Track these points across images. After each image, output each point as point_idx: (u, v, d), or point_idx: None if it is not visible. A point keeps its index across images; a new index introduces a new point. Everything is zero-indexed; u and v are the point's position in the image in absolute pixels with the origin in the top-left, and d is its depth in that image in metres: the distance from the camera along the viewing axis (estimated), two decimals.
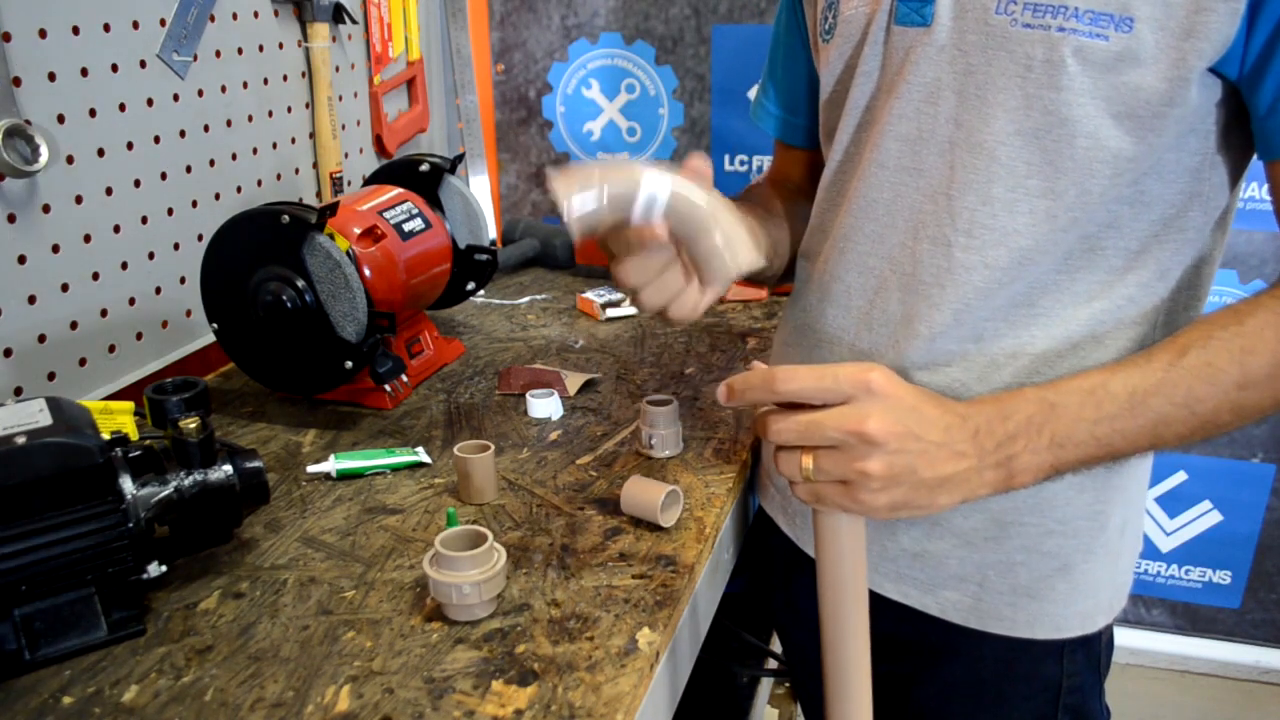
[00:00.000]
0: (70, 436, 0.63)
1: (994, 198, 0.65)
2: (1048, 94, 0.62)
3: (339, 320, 0.94)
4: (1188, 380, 0.60)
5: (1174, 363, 0.60)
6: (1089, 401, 0.60)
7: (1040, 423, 0.60)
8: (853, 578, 0.62)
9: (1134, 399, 0.60)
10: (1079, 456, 0.61)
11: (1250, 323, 0.60)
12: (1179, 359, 0.60)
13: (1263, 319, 0.60)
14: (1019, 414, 0.60)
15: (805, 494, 0.59)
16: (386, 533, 0.78)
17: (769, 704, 1.44)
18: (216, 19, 1.14)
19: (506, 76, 1.77)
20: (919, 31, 0.66)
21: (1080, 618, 0.76)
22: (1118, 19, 0.58)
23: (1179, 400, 0.60)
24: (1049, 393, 0.61)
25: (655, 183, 0.61)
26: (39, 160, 0.90)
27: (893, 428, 0.56)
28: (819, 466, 0.57)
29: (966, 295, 0.67)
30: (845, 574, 0.62)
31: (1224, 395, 0.60)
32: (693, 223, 0.63)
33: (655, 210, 0.61)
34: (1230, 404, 0.60)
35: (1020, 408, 0.60)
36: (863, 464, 0.56)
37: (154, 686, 0.61)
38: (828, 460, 0.57)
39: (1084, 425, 0.60)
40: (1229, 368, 0.59)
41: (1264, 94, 0.60)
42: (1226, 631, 1.96)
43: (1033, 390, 0.61)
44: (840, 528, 0.61)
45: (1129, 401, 0.60)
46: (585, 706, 0.58)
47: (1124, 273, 0.67)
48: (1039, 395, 0.61)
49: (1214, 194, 0.66)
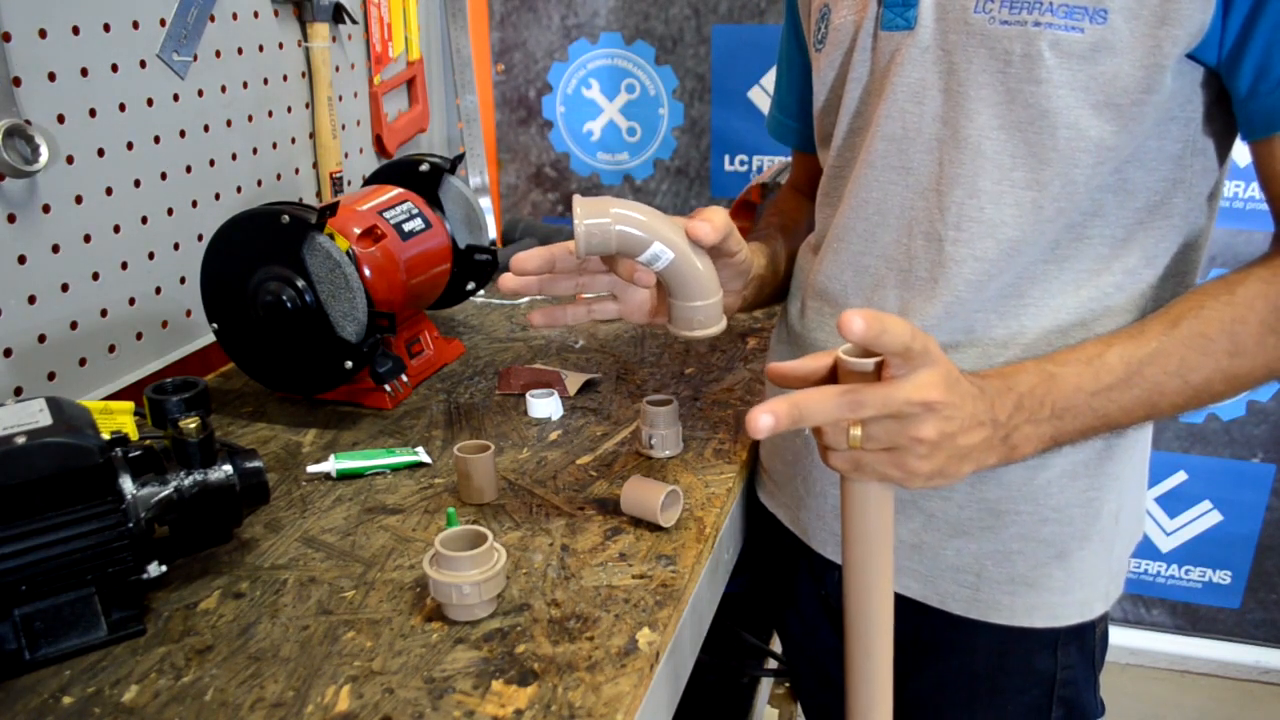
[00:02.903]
0: (70, 436, 0.63)
1: (981, 191, 0.67)
2: (1028, 87, 0.63)
3: (339, 320, 0.94)
4: (1181, 350, 0.61)
5: (1167, 333, 0.61)
6: (1087, 372, 0.61)
7: (1042, 394, 0.60)
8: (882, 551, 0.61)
9: (1129, 369, 0.61)
10: (1077, 427, 0.62)
11: (1241, 292, 0.61)
12: (1172, 329, 0.61)
13: (1254, 289, 0.61)
14: (1022, 385, 0.60)
15: (844, 462, 0.57)
16: (386, 533, 0.78)
17: (769, 704, 1.44)
18: (216, 19, 1.14)
19: (506, 76, 1.77)
20: (903, 35, 0.68)
21: (1078, 605, 0.76)
22: (1091, 11, 0.60)
23: (1172, 369, 0.61)
24: (1048, 364, 0.61)
25: (666, 245, 0.67)
26: (39, 160, 0.90)
27: (948, 395, 0.55)
28: (869, 434, 0.56)
29: (958, 288, 0.69)
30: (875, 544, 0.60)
31: (1216, 364, 0.61)
32: (684, 286, 0.69)
33: (658, 264, 0.68)
34: (1222, 373, 0.61)
35: (1023, 379, 0.60)
36: (917, 430, 0.55)
37: (154, 686, 0.61)
38: (880, 427, 0.55)
39: (1082, 396, 0.61)
40: (1220, 337, 0.61)
41: (1243, 76, 0.61)
42: (1226, 631, 1.96)
43: (1033, 363, 0.62)
44: (871, 495, 0.59)
45: (1125, 372, 0.61)
46: (585, 706, 0.58)
47: (1111, 260, 0.68)
48: (1039, 367, 0.61)
49: (1197, 180, 0.67)
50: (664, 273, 0.69)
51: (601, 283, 0.76)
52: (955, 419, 0.55)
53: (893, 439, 0.55)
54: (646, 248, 0.67)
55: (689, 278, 0.69)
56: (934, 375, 0.54)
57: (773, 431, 0.52)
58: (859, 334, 0.50)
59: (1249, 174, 1.66)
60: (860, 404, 0.53)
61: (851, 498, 0.60)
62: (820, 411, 0.53)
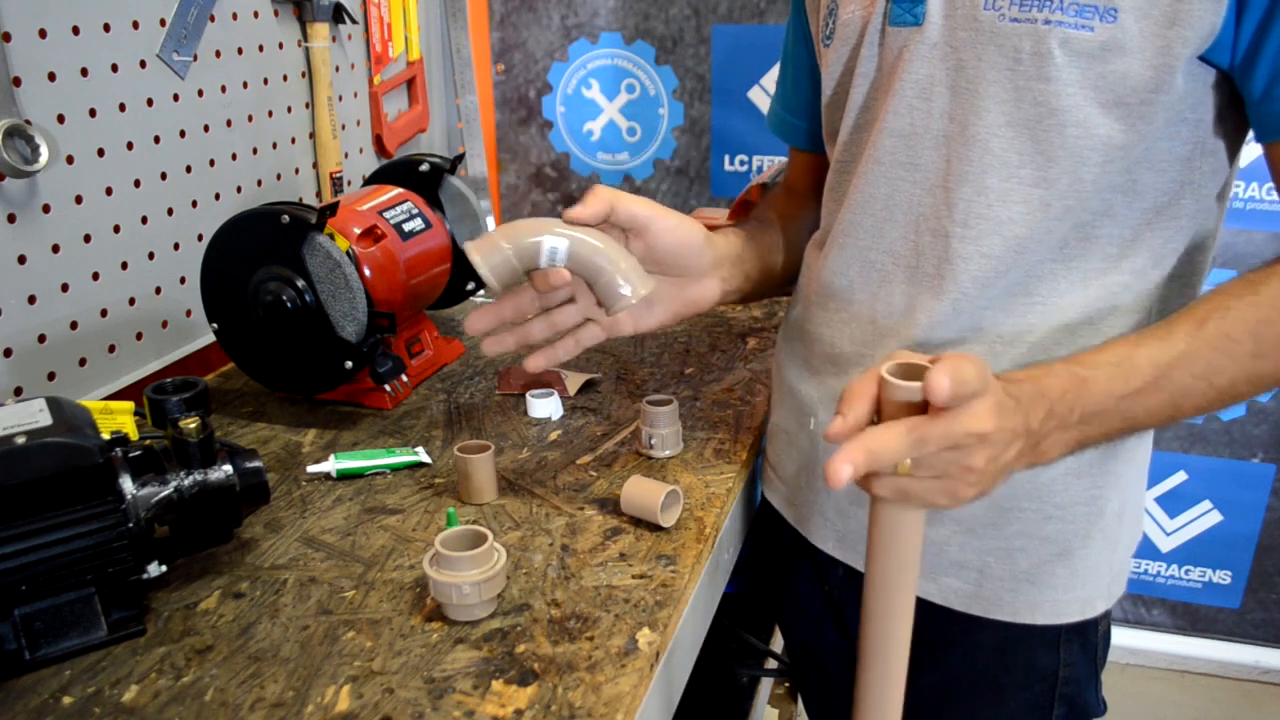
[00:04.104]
0: (70, 436, 0.63)
1: (988, 188, 0.67)
2: (1037, 85, 0.63)
3: (339, 320, 0.94)
4: (1207, 352, 0.60)
5: (1194, 334, 0.61)
6: (1117, 375, 0.60)
7: (1072, 400, 0.59)
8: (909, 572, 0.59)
9: (1158, 372, 0.60)
10: (1103, 431, 0.61)
11: (1265, 292, 0.61)
12: (1199, 330, 0.61)
13: (1276, 288, 0.61)
14: (1053, 390, 0.59)
15: (890, 490, 0.56)
16: (386, 533, 0.78)
17: (769, 704, 1.44)
18: (216, 19, 1.14)
19: (506, 76, 1.77)
20: (911, 31, 0.68)
21: (1080, 603, 0.76)
22: (1102, 9, 0.60)
23: (1199, 372, 0.60)
24: (1078, 367, 0.60)
25: (555, 237, 0.71)
26: (39, 160, 0.90)
27: (999, 422, 0.54)
28: (921, 462, 0.54)
29: (964, 285, 0.69)
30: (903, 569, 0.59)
31: (1240, 366, 0.60)
32: (592, 265, 0.73)
33: (558, 258, 0.72)
34: (1247, 375, 0.61)
35: (1053, 383, 0.59)
36: (969, 460, 0.54)
37: (154, 686, 0.61)
38: (936, 457, 0.54)
39: (1111, 400, 0.60)
40: (1245, 339, 0.60)
41: (1257, 80, 0.61)
42: (1226, 631, 1.96)
43: (1062, 365, 0.60)
44: (905, 521, 0.58)
45: (1153, 375, 0.60)
46: (585, 706, 0.58)
47: (1119, 260, 0.68)
48: (1069, 370, 0.60)
49: (1207, 181, 0.67)
50: (571, 264, 0.72)
51: (571, 313, 0.78)
52: (1002, 443, 0.55)
53: (944, 469, 0.54)
54: (540, 249, 0.71)
55: (588, 256, 0.72)
56: (988, 405, 0.53)
57: (853, 480, 0.51)
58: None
59: (1249, 174, 1.66)
60: (925, 441, 0.52)
61: (884, 520, 0.58)
62: (894, 453, 0.52)
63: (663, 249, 0.76)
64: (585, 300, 0.78)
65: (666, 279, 0.79)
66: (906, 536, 0.58)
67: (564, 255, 0.72)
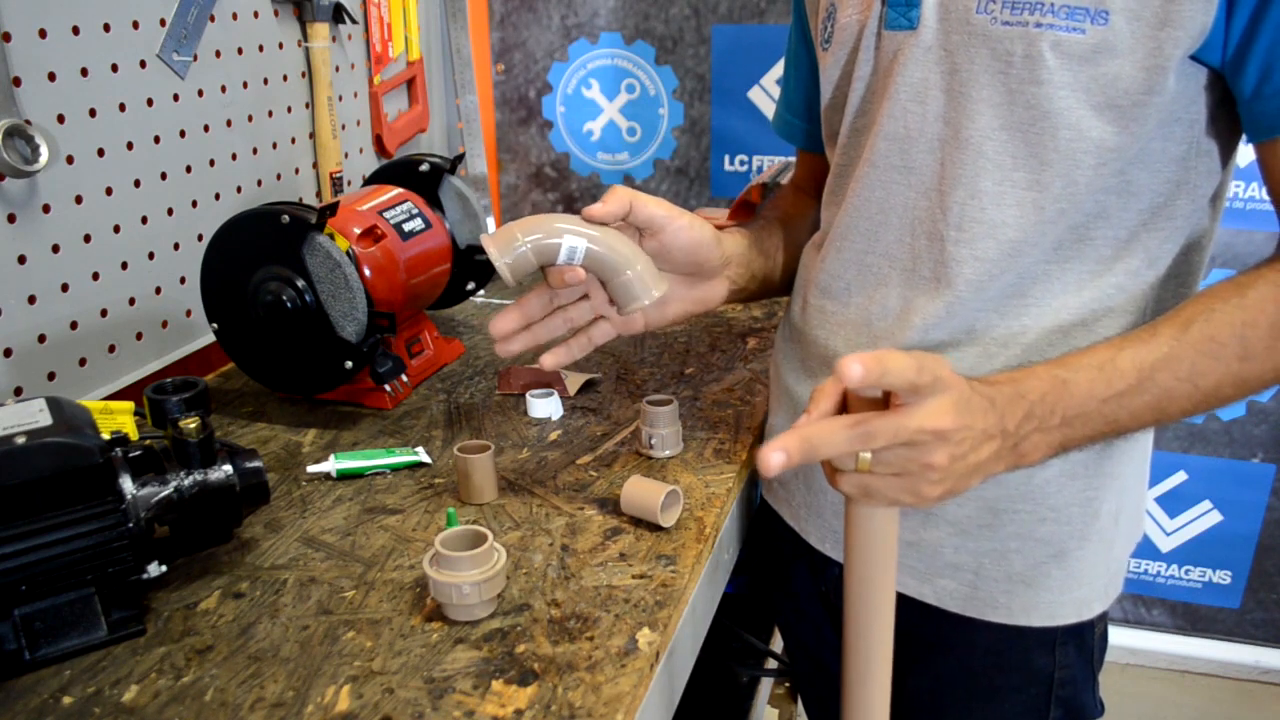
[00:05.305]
0: (70, 436, 0.63)
1: (982, 191, 0.67)
2: (1029, 88, 0.63)
3: (339, 320, 0.94)
4: (1191, 355, 0.60)
5: (1178, 337, 0.61)
6: (1099, 378, 0.60)
7: (1053, 401, 0.59)
8: (885, 570, 0.60)
9: (1141, 375, 0.60)
10: (1086, 433, 0.61)
11: (1251, 295, 0.61)
12: (1183, 333, 0.61)
13: (1264, 291, 0.61)
14: (1033, 392, 0.59)
15: (852, 487, 0.56)
16: (386, 533, 0.78)
17: (769, 704, 1.44)
18: (216, 19, 1.14)
19: (506, 76, 1.77)
20: (906, 35, 0.68)
21: (1075, 604, 0.76)
22: (1093, 12, 0.60)
23: (1183, 375, 0.60)
24: (1060, 370, 0.60)
25: (575, 236, 0.72)
26: (39, 160, 0.90)
27: (959, 420, 0.54)
28: (879, 459, 0.54)
29: (959, 287, 0.69)
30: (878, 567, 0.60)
31: (1226, 369, 0.60)
32: (609, 265, 0.73)
33: (576, 257, 0.73)
34: (1232, 377, 0.61)
35: (1034, 385, 0.59)
36: (928, 457, 0.54)
37: (154, 686, 0.61)
38: (891, 454, 0.54)
39: (1093, 402, 0.60)
40: (1230, 341, 0.60)
41: (1248, 78, 0.61)
42: (1226, 631, 1.96)
43: (1044, 368, 0.61)
44: (876, 518, 0.58)
45: (1136, 378, 0.60)
46: (585, 706, 0.58)
47: (1113, 261, 0.68)
48: (1051, 373, 0.60)
49: (1201, 181, 0.67)
50: (588, 263, 0.73)
51: (584, 310, 0.78)
52: (965, 441, 0.55)
53: (903, 465, 0.54)
54: (559, 248, 0.72)
55: (605, 255, 0.73)
56: (944, 402, 0.53)
57: (784, 468, 0.51)
58: (858, 380, 0.49)
59: (1249, 173, 1.65)
60: (870, 435, 0.52)
61: (856, 518, 0.59)
62: (831, 445, 0.52)
63: (677, 249, 0.77)
64: (597, 297, 0.78)
65: (678, 278, 0.80)
66: (878, 533, 0.59)
67: (582, 254, 0.73)
